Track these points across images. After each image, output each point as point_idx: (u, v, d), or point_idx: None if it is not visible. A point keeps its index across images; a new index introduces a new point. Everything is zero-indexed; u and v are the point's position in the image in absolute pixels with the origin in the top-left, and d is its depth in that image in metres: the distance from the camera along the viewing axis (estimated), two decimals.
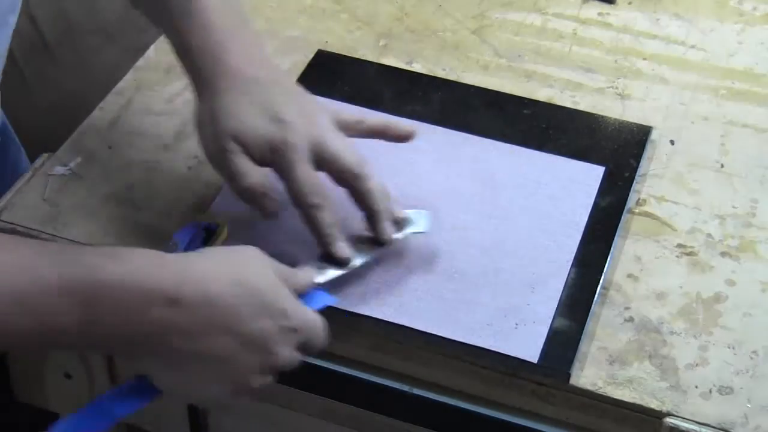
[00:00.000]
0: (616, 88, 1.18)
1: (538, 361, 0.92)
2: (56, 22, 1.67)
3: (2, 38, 1.04)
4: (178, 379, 0.85)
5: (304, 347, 0.87)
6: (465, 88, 1.16)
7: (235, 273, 0.84)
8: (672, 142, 1.12)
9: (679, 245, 1.02)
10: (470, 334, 0.94)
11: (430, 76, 1.18)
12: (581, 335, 0.94)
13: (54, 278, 0.79)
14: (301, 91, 0.99)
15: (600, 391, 0.92)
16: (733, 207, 1.06)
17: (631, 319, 0.97)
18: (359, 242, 0.96)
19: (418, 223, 0.98)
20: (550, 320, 0.95)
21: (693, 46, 1.23)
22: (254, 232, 1.00)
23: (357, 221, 0.97)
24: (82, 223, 1.02)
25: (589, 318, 0.95)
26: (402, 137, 1.01)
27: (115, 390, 0.87)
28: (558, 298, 0.96)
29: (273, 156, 0.94)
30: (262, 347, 0.84)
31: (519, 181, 1.06)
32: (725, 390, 0.92)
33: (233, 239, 0.99)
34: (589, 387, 0.92)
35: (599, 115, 1.14)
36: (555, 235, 1.01)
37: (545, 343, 0.93)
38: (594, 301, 0.97)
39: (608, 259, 1.00)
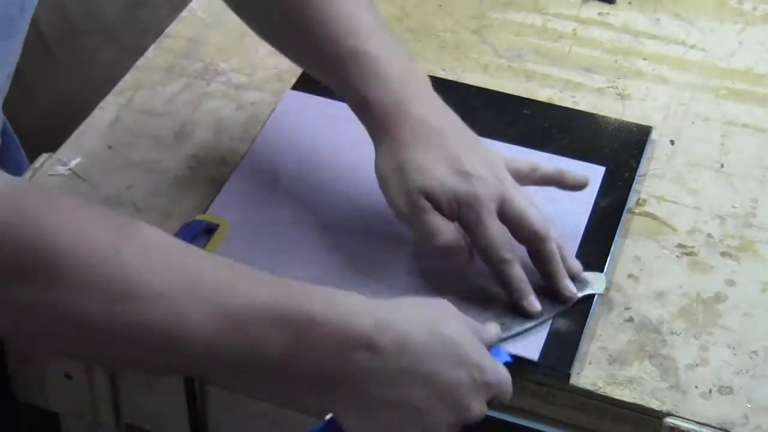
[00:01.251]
0: (616, 88, 1.18)
1: (538, 360, 0.92)
2: (56, 22, 1.67)
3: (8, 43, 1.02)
4: (368, 426, 0.83)
5: (491, 401, 0.86)
6: (465, 88, 1.16)
7: (432, 324, 0.84)
8: (672, 142, 1.12)
9: (679, 245, 1.02)
10: None
11: (430, 76, 1.17)
12: (581, 335, 0.94)
13: (268, 305, 0.79)
14: (478, 139, 0.99)
15: (600, 391, 0.92)
16: (733, 207, 1.06)
17: (631, 319, 0.97)
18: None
19: (595, 284, 0.97)
20: (550, 320, 0.95)
21: (693, 46, 1.23)
22: (254, 232, 1.00)
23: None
24: None
25: (589, 318, 0.95)
26: (578, 185, 1.01)
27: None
28: None
29: (461, 210, 0.94)
30: (456, 400, 0.83)
31: None
32: (725, 390, 0.92)
33: (233, 239, 0.99)
34: (589, 387, 0.92)
35: (599, 115, 1.14)
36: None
37: (545, 343, 0.93)
38: (594, 301, 0.97)
39: (608, 259, 1.00)
